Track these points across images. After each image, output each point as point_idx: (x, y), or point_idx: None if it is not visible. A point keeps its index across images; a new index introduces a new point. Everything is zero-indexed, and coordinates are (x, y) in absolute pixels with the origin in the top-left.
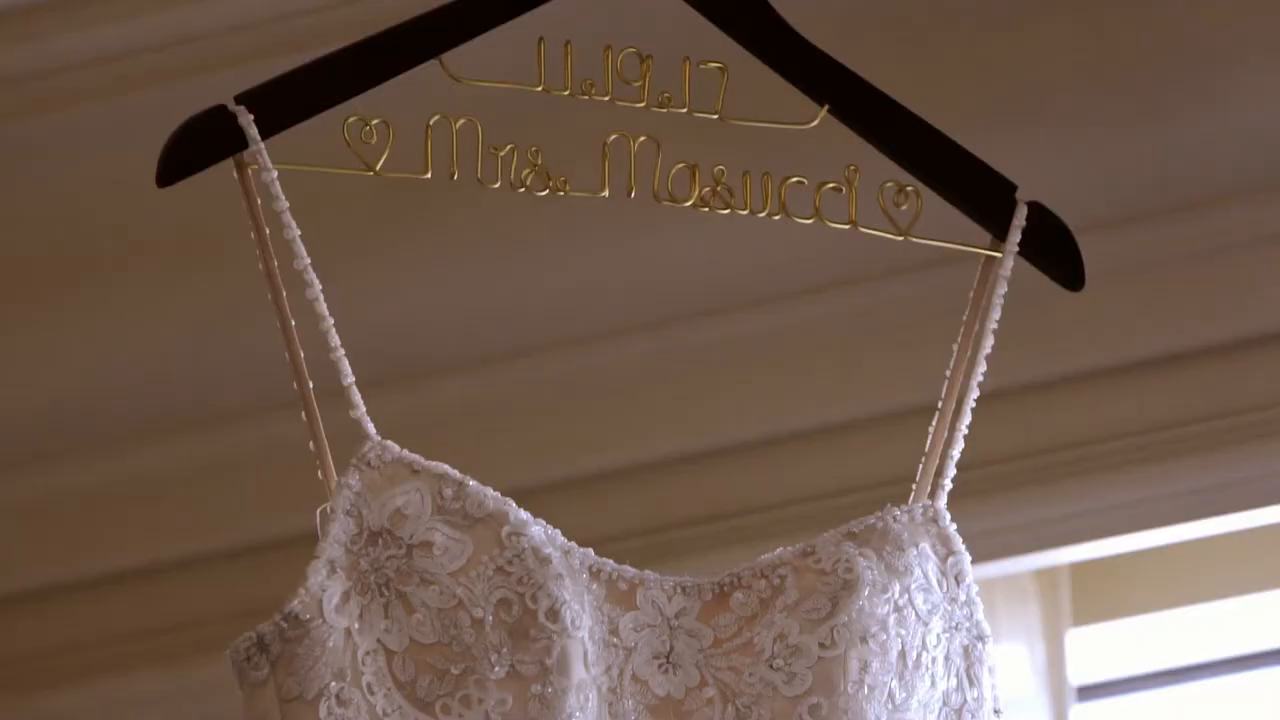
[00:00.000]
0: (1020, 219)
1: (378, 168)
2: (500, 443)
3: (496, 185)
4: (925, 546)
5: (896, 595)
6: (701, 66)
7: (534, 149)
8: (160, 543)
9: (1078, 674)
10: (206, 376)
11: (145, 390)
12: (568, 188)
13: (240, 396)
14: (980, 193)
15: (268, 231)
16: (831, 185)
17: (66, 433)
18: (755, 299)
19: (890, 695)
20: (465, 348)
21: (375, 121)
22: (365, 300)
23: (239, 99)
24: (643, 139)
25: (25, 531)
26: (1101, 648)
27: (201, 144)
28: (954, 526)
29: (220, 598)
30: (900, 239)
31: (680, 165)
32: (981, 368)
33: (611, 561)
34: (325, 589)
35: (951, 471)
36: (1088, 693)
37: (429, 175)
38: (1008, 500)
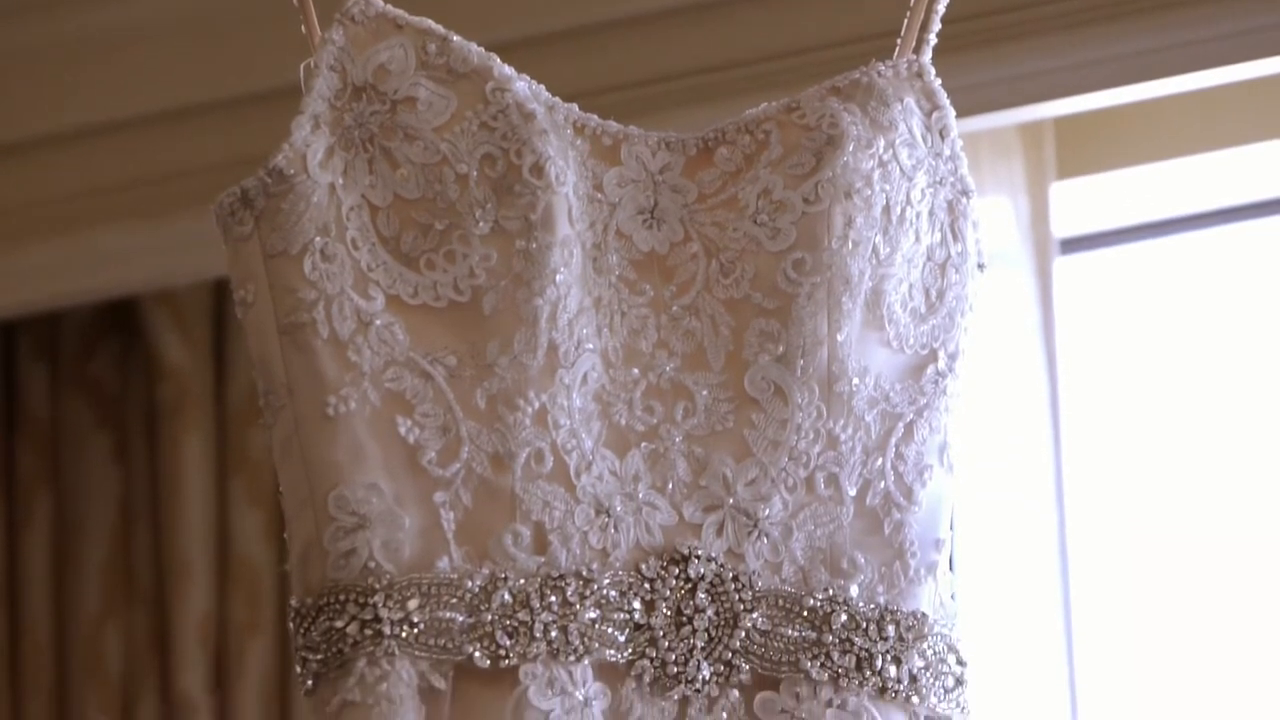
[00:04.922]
0: None
1: None
2: None
3: None
4: (910, 101)
5: (881, 150)
6: None
7: None
8: (143, 95)
9: (1061, 227)
10: None
11: None
12: None
13: None
14: None
15: None
16: None
17: None
18: None
19: (874, 250)
20: None
21: None
22: None
23: None
24: None
25: (4, 83)
26: (1085, 201)
27: None
28: (939, 81)
29: (204, 151)
30: None
31: None
32: None
33: (596, 117)
34: (309, 144)
35: (936, 26)
36: (1071, 245)
37: None
38: (992, 54)
